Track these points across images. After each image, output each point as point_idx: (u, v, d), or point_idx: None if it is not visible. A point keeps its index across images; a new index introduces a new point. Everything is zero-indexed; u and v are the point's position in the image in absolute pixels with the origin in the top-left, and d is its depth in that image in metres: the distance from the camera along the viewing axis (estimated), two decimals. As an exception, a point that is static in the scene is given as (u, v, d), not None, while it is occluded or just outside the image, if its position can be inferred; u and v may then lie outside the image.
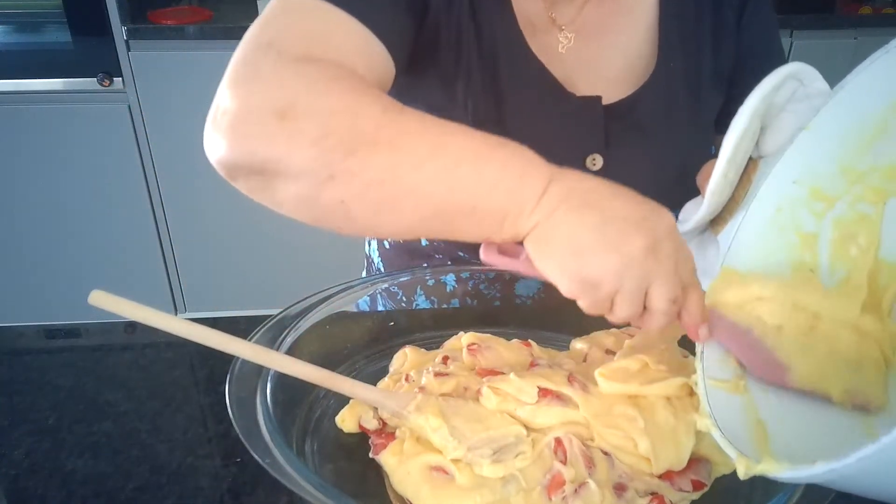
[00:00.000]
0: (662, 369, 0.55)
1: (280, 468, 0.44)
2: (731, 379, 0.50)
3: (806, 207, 0.52)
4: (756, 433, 0.46)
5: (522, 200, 0.45)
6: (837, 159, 0.50)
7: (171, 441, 0.60)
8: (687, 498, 0.50)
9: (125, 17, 1.78)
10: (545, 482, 0.49)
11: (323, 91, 0.46)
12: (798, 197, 0.51)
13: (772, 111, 0.50)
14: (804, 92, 0.50)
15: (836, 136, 0.49)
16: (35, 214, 1.97)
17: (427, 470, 0.50)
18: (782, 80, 0.49)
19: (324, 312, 0.63)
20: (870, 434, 0.46)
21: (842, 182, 0.50)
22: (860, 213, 0.50)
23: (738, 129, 0.49)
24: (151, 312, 0.48)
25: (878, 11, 2.00)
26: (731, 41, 0.74)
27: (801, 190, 0.51)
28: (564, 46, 0.72)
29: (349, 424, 0.56)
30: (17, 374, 0.69)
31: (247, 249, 2.03)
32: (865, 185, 0.49)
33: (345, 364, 0.63)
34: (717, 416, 0.46)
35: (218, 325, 0.81)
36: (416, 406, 0.52)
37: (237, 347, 0.51)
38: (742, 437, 0.44)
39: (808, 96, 0.50)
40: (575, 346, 0.64)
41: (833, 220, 0.51)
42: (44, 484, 0.55)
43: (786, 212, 0.52)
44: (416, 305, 0.79)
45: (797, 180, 0.51)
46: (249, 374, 0.52)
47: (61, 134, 1.86)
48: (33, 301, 2.08)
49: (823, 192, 0.51)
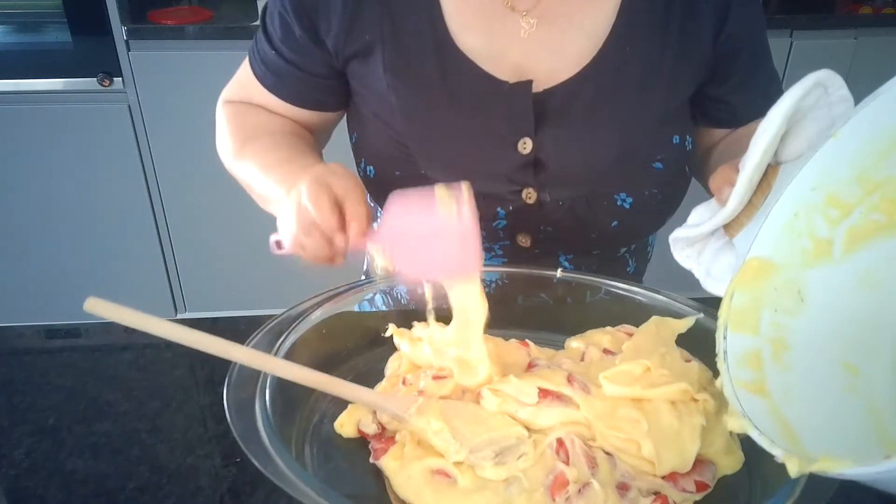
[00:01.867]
0: (665, 374, 0.55)
1: (282, 475, 0.44)
2: (752, 380, 0.49)
3: (821, 214, 0.52)
4: (785, 432, 0.46)
5: (279, 196, 0.68)
6: (856, 167, 0.50)
7: (171, 441, 0.60)
8: (690, 499, 0.50)
9: (125, 17, 1.77)
10: (548, 483, 0.49)
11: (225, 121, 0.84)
12: (815, 203, 0.52)
13: (795, 117, 0.51)
14: (826, 100, 0.50)
15: (857, 144, 0.49)
16: (35, 214, 1.97)
17: (429, 474, 0.49)
18: (811, 86, 0.49)
19: (323, 314, 0.63)
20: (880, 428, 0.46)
21: (858, 190, 0.50)
22: (873, 222, 0.50)
23: (770, 135, 0.49)
24: (147, 318, 0.48)
25: (878, 11, 2.00)
26: (702, 50, 0.74)
27: (819, 196, 0.51)
28: (526, 32, 0.73)
29: (348, 429, 0.55)
30: (17, 374, 0.69)
31: (247, 249, 2.03)
32: (881, 195, 0.50)
33: (345, 365, 0.63)
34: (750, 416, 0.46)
35: (218, 326, 0.81)
36: (418, 409, 0.52)
37: (235, 353, 0.51)
38: (774, 436, 0.44)
39: (830, 104, 0.50)
40: (570, 344, 0.64)
41: (848, 227, 0.51)
42: (44, 484, 0.55)
43: (802, 217, 0.52)
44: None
45: (815, 186, 0.51)
46: (248, 379, 0.52)
47: (61, 134, 1.86)
48: (33, 301, 2.08)
49: (840, 199, 0.51)
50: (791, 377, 0.50)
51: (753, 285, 0.52)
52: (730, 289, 0.52)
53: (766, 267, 0.52)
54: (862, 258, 0.51)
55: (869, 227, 0.51)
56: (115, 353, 0.72)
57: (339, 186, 0.60)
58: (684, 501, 0.50)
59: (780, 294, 0.52)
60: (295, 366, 0.52)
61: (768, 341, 0.51)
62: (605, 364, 0.59)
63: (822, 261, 0.52)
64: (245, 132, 0.80)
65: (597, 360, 0.61)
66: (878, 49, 1.96)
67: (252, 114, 0.82)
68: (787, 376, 0.50)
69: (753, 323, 0.51)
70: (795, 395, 0.49)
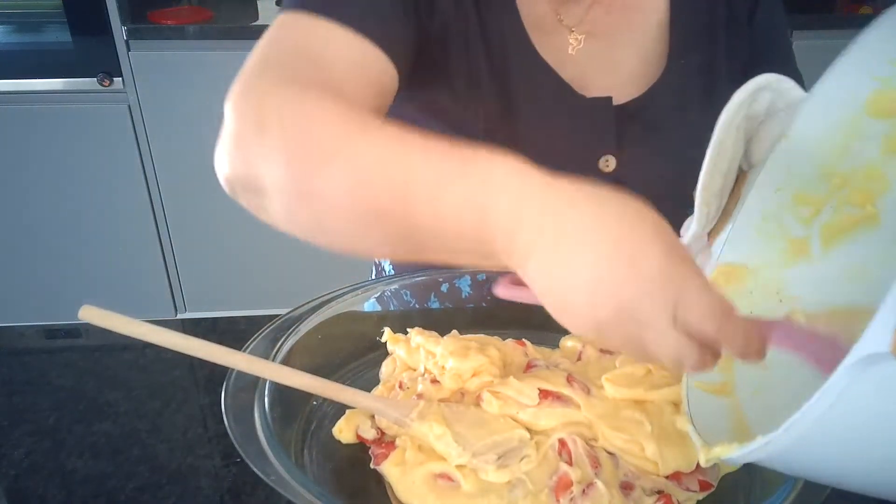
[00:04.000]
0: (666, 375, 0.55)
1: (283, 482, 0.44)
2: (717, 382, 0.50)
3: (791, 213, 0.52)
4: (738, 432, 0.46)
5: (489, 236, 0.40)
6: (819, 163, 0.50)
7: (171, 441, 0.60)
8: (693, 497, 0.50)
9: (125, 17, 1.77)
10: (552, 484, 0.49)
11: (298, 114, 0.47)
12: (782, 203, 0.52)
13: (752, 122, 0.51)
14: (784, 101, 0.50)
15: (815, 140, 0.49)
16: (35, 214, 1.97)
17: (432, 478, 0.49)
18: (754, 90, 0.49)
19: (322, 316, 0.63)
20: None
21: (825, 186, 0.50)
22: (849, 216, 0.50)
23: (714, 142, 0.50)
24: (142, 325, 0.47)
25: (878, 11, 1.99)
26: (744, 36, 0.73)
27: (785, 196, 0.51)
28: (574, 48, 0.71)
29: (347, 435, 0.55)
30: (17, 374, 0.69)
31: (247, 249, 2.03)
32: (851, 188, 0.50)
33: (344, 368, 0.63)
34: (703, 417, 0.46)
35: (218, 326, 0.81)
36: (419, 413, 0.52)
37: (233, 359, 0.50)
38: (724, 435, 0.44)
39: (788, 105, 0.50)
40: (566, 343, 0.64)
41: (823, 224, 0.51)
42: (44, 484, 0.55)
43: (772, 219, 0.52)
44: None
45: (780, 187, 0.51)
46: (246, 384, 0.52)
47: (61, 134, 1.86)
48: (33, 301, 2.08)
49: (808, 197, 0.51)
50: (766, 376, 0.49)
51: (726, 290, 0.52)
52: None
53: (738, 271, 0.53)
54: (844, 252, 0.51)
55: (845, 221, 0.51)
56: (115, 353, 0.72)
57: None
58: (687, 500, 0.50)
59: (757, 296, 0.52)
60: (297, 372, 0.52)
61: None
62: (603, 363, 0.58)
63: (800, 259, 0.52)
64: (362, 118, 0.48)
65: (594, 360, 0.60)
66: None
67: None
68: (761, 375, 0.49)
69: None
70: (767, 395, 0.48)
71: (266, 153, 0.46)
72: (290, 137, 0.46)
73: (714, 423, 0.46)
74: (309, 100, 0.48)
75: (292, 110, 0.47)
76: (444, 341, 0.59)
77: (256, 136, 0.47)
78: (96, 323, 0.46)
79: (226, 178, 0.50)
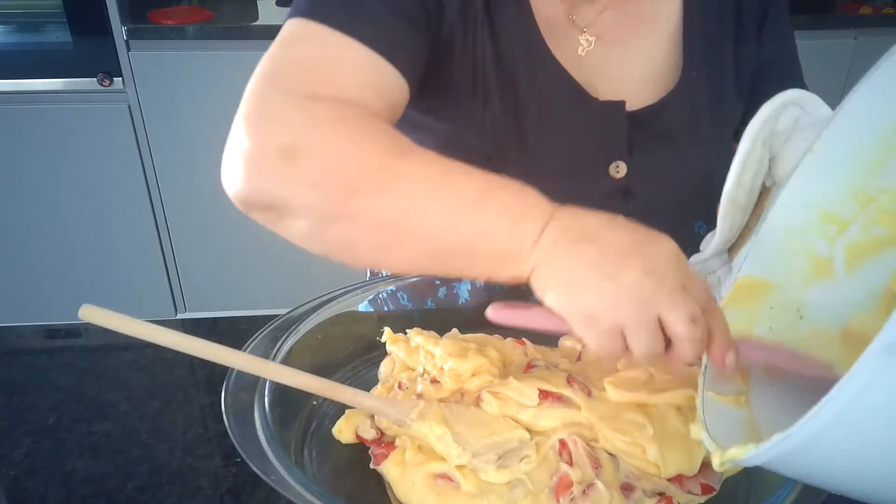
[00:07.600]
0: (669, 379, 0.55)
1: (283, 482, 0.44)
2: (731, 394, 0.49)
3: (817, 231, 0.51)
4: (752, 440, 0.46)
5: (520, 243, 0.45)
6: (848, 182, 0.49)
7: (171, 441, 0.60)
8: (694, 500, 0.50)
9: (125, 17, 1.77)
10: (552, 484, 0.49)
11: (328, 132, 0.47)
12: (810, 220, 0.51)
13: (778, 138, 0.50)
14: (809, 119, 0.50)
15: (845, 158, 0.48)
16: (35, 214, 1.97)
17: (432, 478, 0.49)
18: (782, 105, 0.49)
19: (322, 316, 0.63)
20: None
21: (853, 205, 0.49)
22: (875, 237, 0.49)
23: (741, 154, 0.50)
24: (143, 325, 0.47)
25: (878, 11, 2.00)
26: (752, 50, 0.73)
27: (813, 213, 0.51)
28: (585, 49, 0.70)
29: (346, 435, 0.55)
30: (17, 374, 0.69)
31: (247, 249, 2.03)
32: (877, 208, 0.49)
33: (344, 368, 0.63)
34: (717, 427, 0.46)
35: (218, 326, 0.81)
36: (419, 413, 0.51)
37: (233, 359, 0.50)
38: (737, 441, 0.44)
39: (813, 123, 0.50)
40: (564, 343, 0.64)
41: (846, 245, 0.50)
42: (44, 484, 0.55)
43: (797, 235, 0.51)
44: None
45: (808, 203, 0.50)
46: (246, 384, 0.52)
47: (61, 134, 1.86)
48: (33, 301, 2.08)
49: (835, 216, 0.50)
50: (783, 391, 0.49)
51: (746, 304, 0.52)
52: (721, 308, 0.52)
53: (760, 286, 0.52)
54: (869, 273, 0.50)
55: (871, 242, 0.50)
56: (115, 353, 0.72)
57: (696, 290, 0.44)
58: (688, 503, 0.50)
59: (777, 312, 0.52)
60: (297, 372, 0.52)
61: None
62: (604, 364, 0.58)
63: (824, 278, 0.51)
64: (396, 142, 0.49)
65: (594, 361, 0.60)
66: (878, 49, 1.95)
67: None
68: (775, 391, 0.49)
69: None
70: (783, 408, 0.48)
71: (298, 177, 0.46)
72: (326, 163, 0.46)
73: (728, 433, 0.45)
74: (341, 123, 0.48)
75: (324, 133, 0.47)
76: (442, 342, 0.59)
77: (284, 160, 0.46)
78: (96, 323, 0.46)
79: (240, 197, 0.49)
